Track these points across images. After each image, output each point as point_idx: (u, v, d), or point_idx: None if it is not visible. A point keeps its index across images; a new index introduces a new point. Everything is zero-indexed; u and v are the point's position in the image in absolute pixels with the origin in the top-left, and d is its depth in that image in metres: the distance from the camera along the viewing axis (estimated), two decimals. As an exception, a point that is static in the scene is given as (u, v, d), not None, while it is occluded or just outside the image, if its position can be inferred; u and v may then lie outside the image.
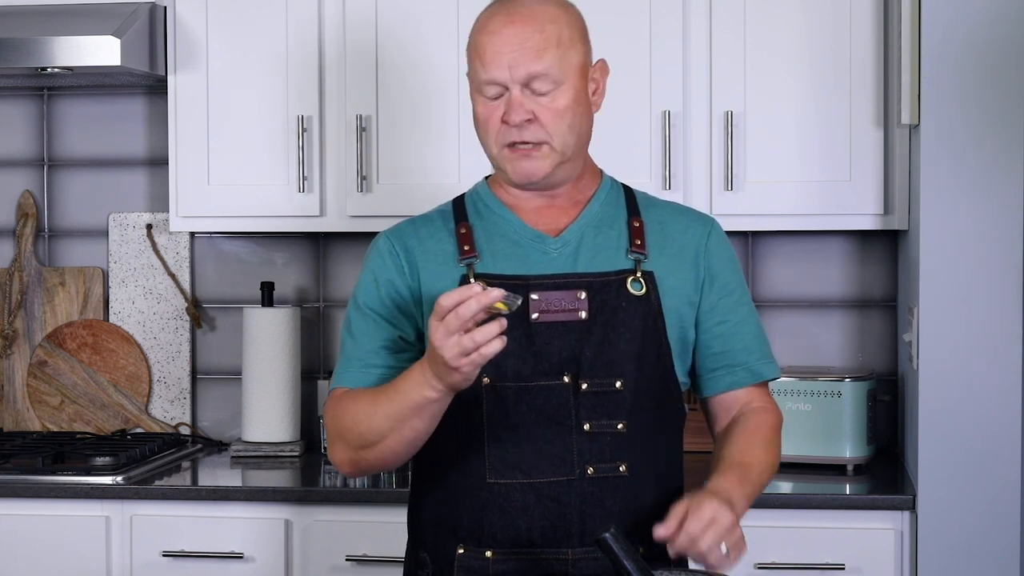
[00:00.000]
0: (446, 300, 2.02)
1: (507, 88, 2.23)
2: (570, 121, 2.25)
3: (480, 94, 2.27)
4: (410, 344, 2.31)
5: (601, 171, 2.41)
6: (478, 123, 2.29)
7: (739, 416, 2.37)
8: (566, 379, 2.24)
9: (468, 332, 2.02)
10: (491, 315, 2.04)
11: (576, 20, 2.30)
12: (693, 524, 2.07)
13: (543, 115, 2.23)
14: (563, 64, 2.24)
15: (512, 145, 2.25)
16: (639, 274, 2.28)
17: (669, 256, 2.32)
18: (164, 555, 3.33)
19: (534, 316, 2.25)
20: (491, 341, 2.02)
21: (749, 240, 3.83)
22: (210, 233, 3.97)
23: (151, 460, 3.59)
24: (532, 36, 2.22)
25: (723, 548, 2.08)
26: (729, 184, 3.46)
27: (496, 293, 2.01)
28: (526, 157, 2.25)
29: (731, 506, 2.12)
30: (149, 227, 3.98)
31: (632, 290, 2.27)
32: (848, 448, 3.46)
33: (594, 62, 2.34)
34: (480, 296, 2.00)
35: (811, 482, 3.37)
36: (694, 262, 2.33)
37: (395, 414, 2.18)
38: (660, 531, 2.09)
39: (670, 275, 2.31)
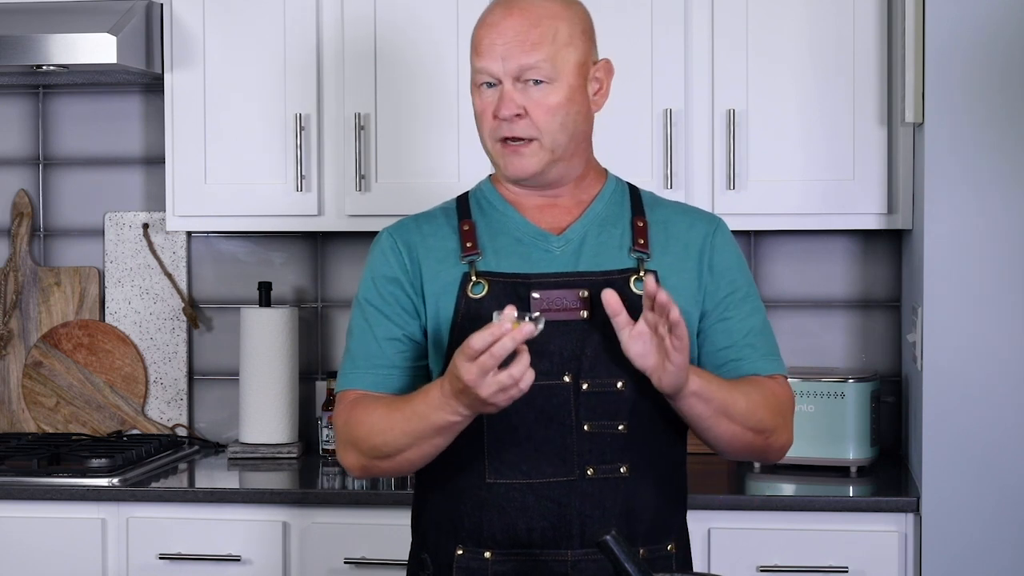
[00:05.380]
0: (478, 342, 2.01)
1: (500, 81, 2.23)
2: (562, 119, 2.24)
3: (476, 87, 2.27)
4: (416, 342, 2.29)
5: (606, 171, 2.39)
6: (475, 117, 2.29)
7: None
8: (567, 379, 2.22)
9: (501, 367, 2.02)
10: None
11: (579, 18, 2.29)
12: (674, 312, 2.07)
13: (534, 111, 2.23)
14: (557, 60, 2.23)
15: (504, 141, 2.25)
16: (642, 273, 2.26)
17: (673, 255, 2.30)
18: (160, 558, 3.32)
19: (535, 315, 2.22)
20: (525, 373, 2.03)
21: (751, 240, 3.80)
22: (207, 233, 3.95)
23: (147, 462, 3.58)
24: (527, 30, 2.23)
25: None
26: (731, 183, 3.44)
27: (528, 328, 2.01)
28: (516, 153, 2.25)
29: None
30: (145, 226, 3.96)
31: (636, 290, 2.25)
32: (851, 450, 3.44)
33: (598, 61, 2.32)
34: (515, 334, 2.00)
35: (814, 484, 3.36)
36: (698, 261, 2.31)
37: (415, 433, 2.18)
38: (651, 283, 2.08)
39: (673, 275, 2.29)
